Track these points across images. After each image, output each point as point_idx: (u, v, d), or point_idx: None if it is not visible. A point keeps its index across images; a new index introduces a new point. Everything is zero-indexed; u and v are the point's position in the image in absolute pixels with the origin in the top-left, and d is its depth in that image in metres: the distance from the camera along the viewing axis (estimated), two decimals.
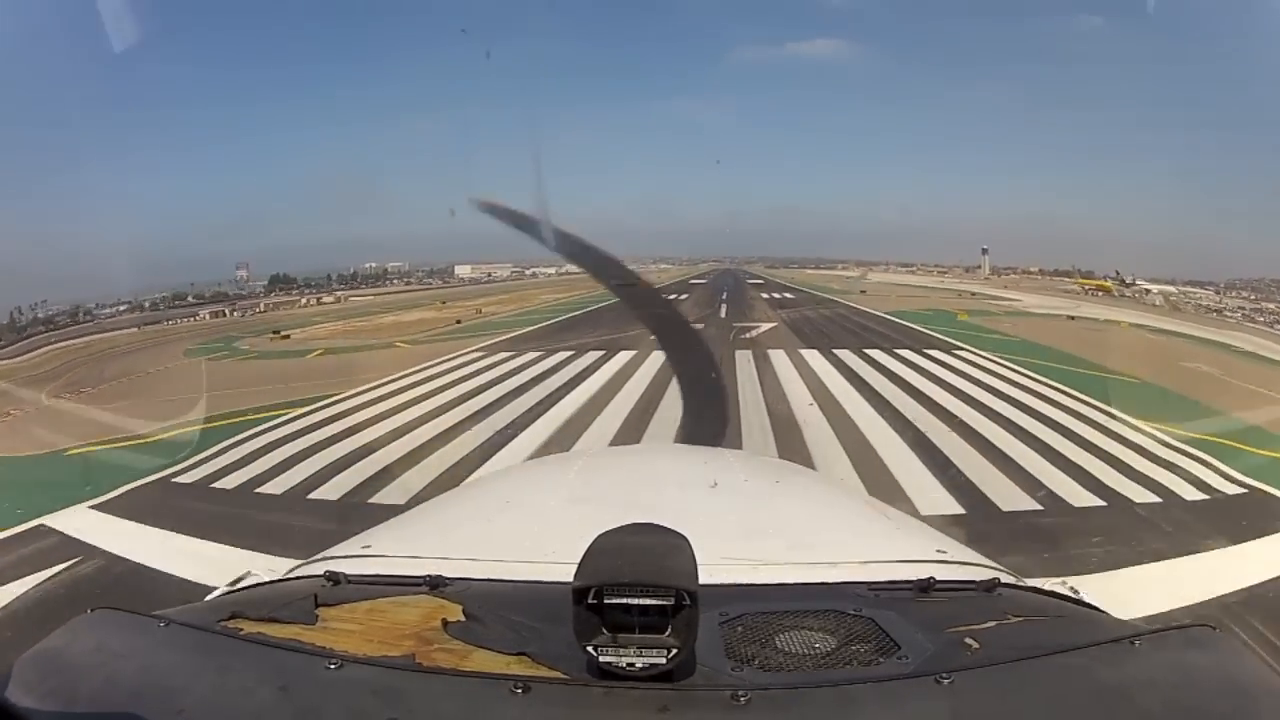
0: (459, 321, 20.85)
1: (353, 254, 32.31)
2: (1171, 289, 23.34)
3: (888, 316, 20.87)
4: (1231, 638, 0.98)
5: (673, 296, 30.99)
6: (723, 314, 24.06)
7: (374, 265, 32.97)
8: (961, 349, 13.82)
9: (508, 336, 17.05)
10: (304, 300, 27.70)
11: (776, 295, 31.67)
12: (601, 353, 14.03)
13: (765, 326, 19.12)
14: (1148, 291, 24.18)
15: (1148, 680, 0.86)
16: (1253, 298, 21.28)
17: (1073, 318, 19.71)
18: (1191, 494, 6.02)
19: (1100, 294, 25.73)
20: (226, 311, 24.00)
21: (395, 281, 33.14)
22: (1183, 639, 0.97)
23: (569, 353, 14.01)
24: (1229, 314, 20.60)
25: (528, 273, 37.45)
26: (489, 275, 36.13)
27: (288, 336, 18.22)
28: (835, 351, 13.74)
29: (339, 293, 29.70)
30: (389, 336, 18.04)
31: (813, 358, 13.11)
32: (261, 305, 25.66)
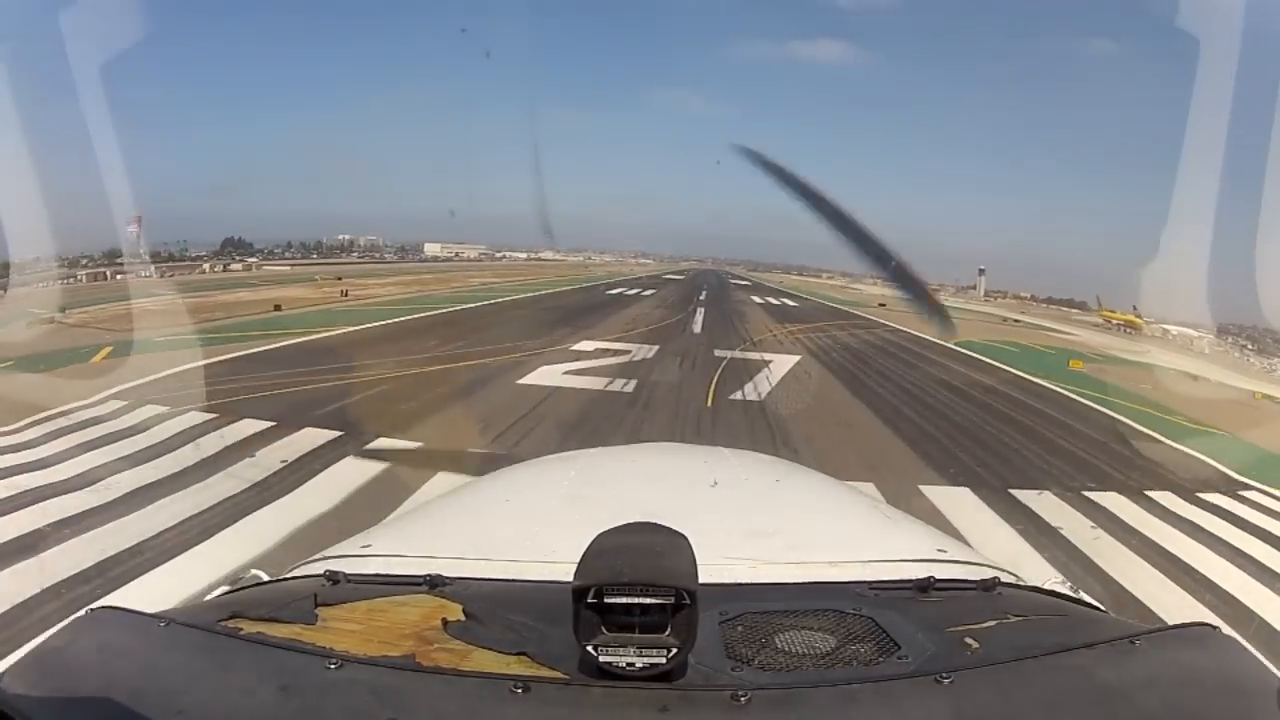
0: (278, 308, 16.54)
1: (342, 226, 33.23)
2: (1191, 331, 22.11)
3: (965, 351, 15.87)
4: (1231, 637, 0.98)
5: (634, 292, 25.84)
6: (696, 327, 17.36)
7: (345, 238, 33.72)
8: (1251, 487, 7.61)
9: (276, 346, 11.78)
10: (206, 267, 26.50)
11: (773, 301, 26.56)
12: (333, 436, 7.01)
13: (779, 364, 12.30)
14: (1166, 331, 22.84)
15: (1148, 680, 0.86)
16: (1252, 346, 20.72)
17: (1195, 377, 15.15)
18: None
19: (1129, 330, 23.99)
20: (108, 274, 22.09)
21: (353, 254, 33.36)
22: (1182, 638, 0.97)
23: (267, 423, 7.39)
24: None
25: (497, 255, 37.86)
26: (457, 254, 36.46)
27: (53, 321, 14.05)
28: (1029, 503, 6.27)
29: (252, 261, 28.91)
30: (156, 329, 12.49)
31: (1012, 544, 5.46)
32: (153, 270, 22.95)
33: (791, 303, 27.06)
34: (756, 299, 27.27)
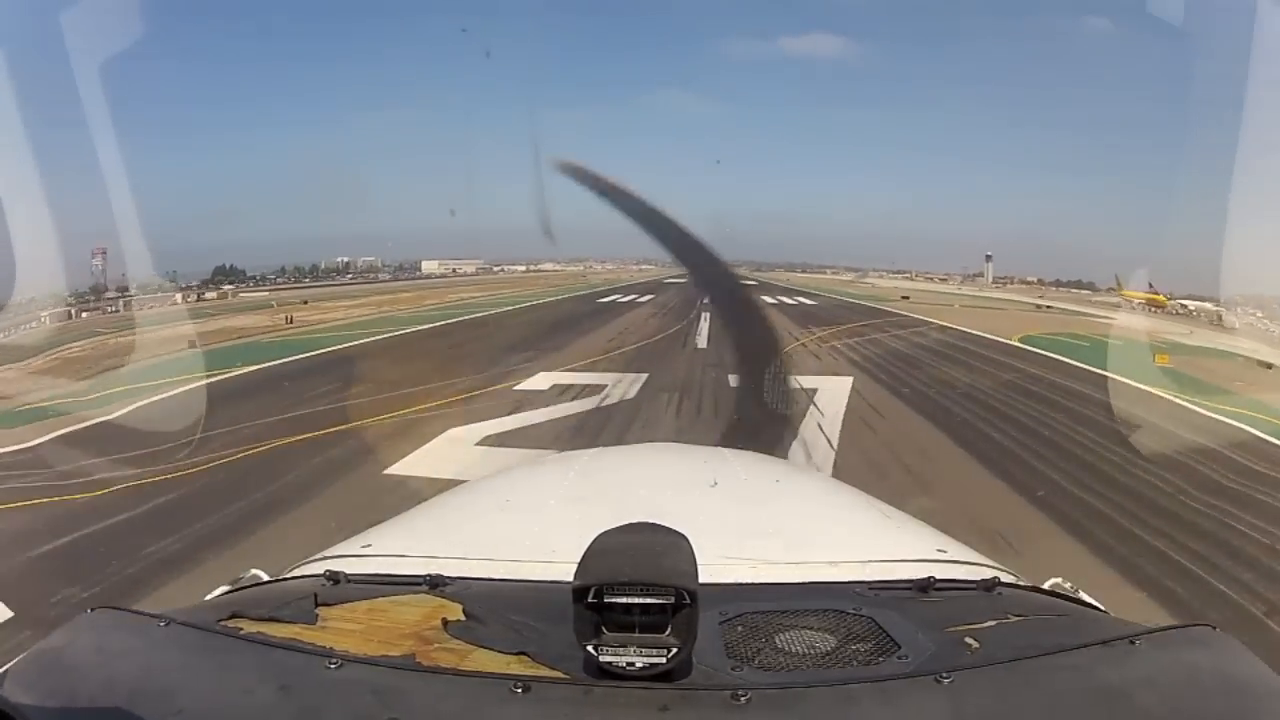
0: (192, 345, 13.97)
1: (343, 248, 33.20)
2: (1208, 305, 21.05)
3: (1035, 350, 13.24)
4: (1231, 638, 0.97)
5: (629, 299, 22.99)
6: (701, 340, 13.83)
7: (344, 259, 33.84)
8: None
9: (131, 409, 8.83)
10: (179, 298, 24.10)
11: (788, 300, 24.03)
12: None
13: (829, 394, 8.75)
14: (1185, 308, 21.75)
15: (1148, 680, 0.86)
16: (1260, 315, 19.71)
17: (1270, 365, 12.67)
18: None
19: (1155, 309, 22.61)
20: (73, 313, 20.81)
21: (348, 276, 33.37)
22: (1182, 639, 0.97)
23: None
24: None
25: (495, 269, 38.15)
26: (454, 270, 36.79)
27: None
28: None
29: (229, 289, 27.85)
30: (42, 390, 10.67)
31: None
32: (120, 306, 21.51)
33: (809, 301, 24.17)
34: (768, 299, 23.57)
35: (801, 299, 24.72)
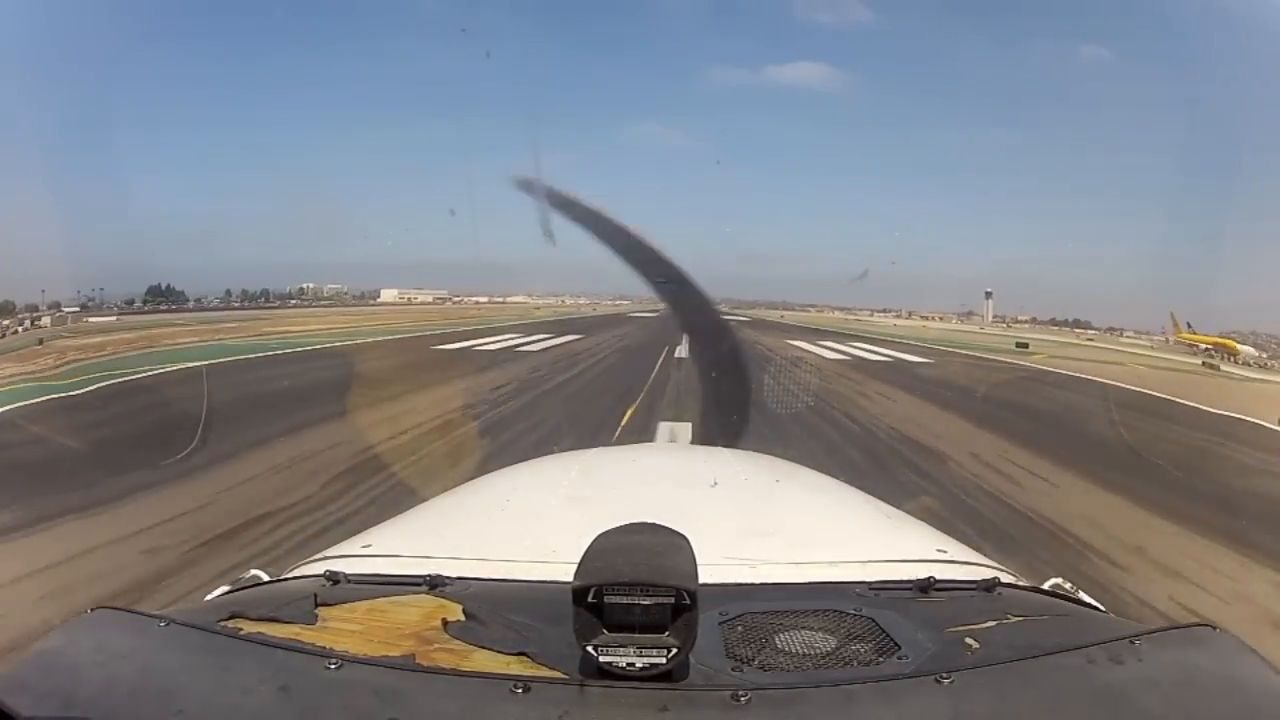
0: None
1: (317, 274, 33.63)
2: (1250, 350, 20.29)
3: None
4: (1231, 638, 0.97)
5: (528, 341, 16.11)
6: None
7: (304, 285, 34.36)
8: None
9: None
10: (7, 324, 20.28)
11: (835, 348, 16.18)
12: None
13: None
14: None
15: (1148, 680, 0.86)
16: (1265, 358, 19.64)
17: None
18: None
19: (1229, 355, 20.77)
20: None
21: (292, 302, 33.48)
22: (1183, 639, 0.97)
23: None
24: None
25: (454, 299, 38.74)
26: (409, 300, 37.56)
27: None
28: None
29: (71, 312, 23.76)
30: None
31: None
32: None
33: (909, 357, 14.83)
34: (797, 346, 15.32)
35: (879, 350, 16.02)
